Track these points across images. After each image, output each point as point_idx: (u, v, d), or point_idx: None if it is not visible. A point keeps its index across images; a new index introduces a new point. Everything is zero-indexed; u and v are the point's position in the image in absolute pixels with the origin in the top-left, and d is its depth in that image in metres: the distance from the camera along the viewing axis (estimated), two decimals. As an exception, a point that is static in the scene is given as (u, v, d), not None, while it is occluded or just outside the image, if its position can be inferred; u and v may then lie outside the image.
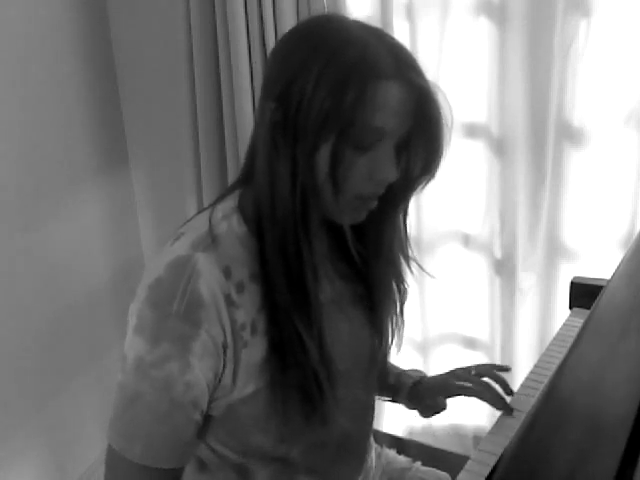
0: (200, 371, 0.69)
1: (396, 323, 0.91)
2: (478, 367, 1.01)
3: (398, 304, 0.91)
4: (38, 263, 1.66)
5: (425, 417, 1.04)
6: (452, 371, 1.02)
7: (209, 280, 0.69)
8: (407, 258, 0.87)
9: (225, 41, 1.54)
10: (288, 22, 1.46)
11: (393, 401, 1.07)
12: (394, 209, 0.82)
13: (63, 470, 1.82)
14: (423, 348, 1.74)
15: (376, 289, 0.87)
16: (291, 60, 0.70)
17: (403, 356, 1.07)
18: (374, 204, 0.77)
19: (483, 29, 1.42)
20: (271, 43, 1.48)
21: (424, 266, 0.90)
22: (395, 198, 0.80)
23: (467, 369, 1.01)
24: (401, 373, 1.06)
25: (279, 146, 0.70)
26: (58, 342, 1.74)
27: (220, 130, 1.65)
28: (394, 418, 1.84)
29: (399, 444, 1.84)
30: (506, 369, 1.02)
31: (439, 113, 0.71)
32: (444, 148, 0.74)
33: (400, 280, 0.89)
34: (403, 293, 0.91)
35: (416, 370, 1.07)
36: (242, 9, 1.48)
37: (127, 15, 1.79)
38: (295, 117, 0.68)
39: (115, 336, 1.94)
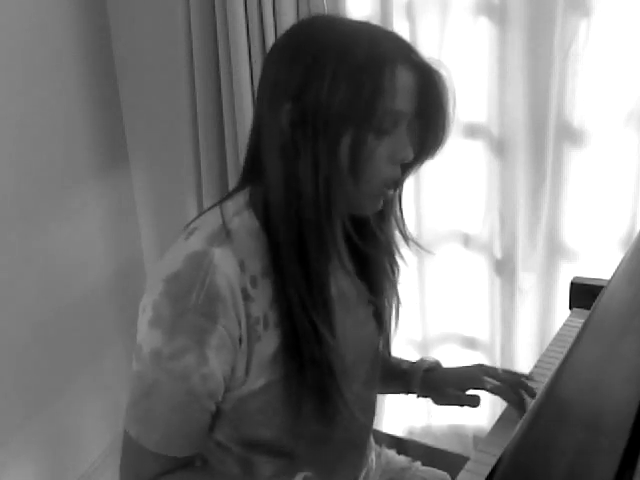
0: (216, 364, 0.71)
1: (396, 305, 0.92)
2: (506, 373, 1.00)
3: (396, 287, 0.92)
4: (38, 263, 1.66)
5: (439, 405, 1.03)
6: (479, 365, 1.02)
7: (227, 274, 0.70)
8: (406, 238, 0.88)
9: (225, 41, 1.54)
10: (288, 22, 1.46)
11: (406, 391, 1.04)
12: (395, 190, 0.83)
13: (63, 470, 1.82)
14: (423, 348, 1.74)
15: (377, 278, 0.88)
16: (299, 63, 0.71)
17: (403, 356, 1.07)
18: (392, 190, 0.79)
19: (483, 29, 1.42)
20: (271, 43, 1.48)
21: (424, 266, 0.90)
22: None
23: (494, 368, 1.01)
24: (416, 361, 1.05)
25: (298, 144, 0.71)
26: (58, 342, 1.74)
27: (220, 130, 1.65)
28: (394, 418, 1.84)
29: (399, 444, 1.84)
30: (530, 379, 1.01)
31: (444, 87, 0.75)
32: (451, 121, 0.77)
33: (394, 262, 0.91)
34: (397, 273, 0.92)
35: (431, 358, 1.06)
36: (242, 9, 1.48)
37: (127, 15, 1.79)
38: (315, 114, 0.70)
39: (115, 336, 1.94)
